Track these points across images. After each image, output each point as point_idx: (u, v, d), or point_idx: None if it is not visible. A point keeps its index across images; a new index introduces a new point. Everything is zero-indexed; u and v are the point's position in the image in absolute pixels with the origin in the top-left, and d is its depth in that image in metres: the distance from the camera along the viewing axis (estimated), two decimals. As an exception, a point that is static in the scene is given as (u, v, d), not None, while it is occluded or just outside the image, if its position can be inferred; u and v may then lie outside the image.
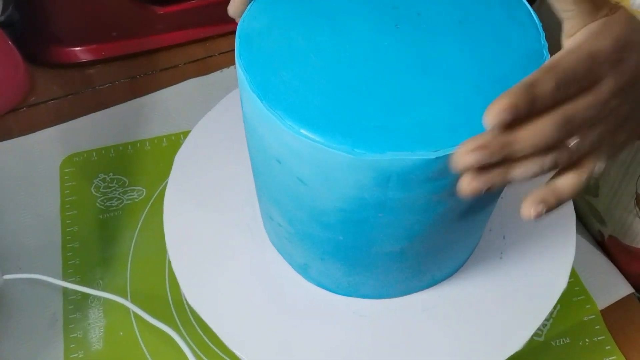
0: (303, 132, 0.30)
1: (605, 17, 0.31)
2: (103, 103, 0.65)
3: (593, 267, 0.54)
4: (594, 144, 0.30)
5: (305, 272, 0.42)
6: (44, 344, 0.49)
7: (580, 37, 0.31)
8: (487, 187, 0.29)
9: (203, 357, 0.48)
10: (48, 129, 0.63)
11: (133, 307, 0.49)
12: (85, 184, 0.59)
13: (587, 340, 0.50)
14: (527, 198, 0.31)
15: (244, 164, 0.42)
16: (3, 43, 0.63)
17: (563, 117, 0.29)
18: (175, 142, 0.62)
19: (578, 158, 0.31)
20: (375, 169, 0.30)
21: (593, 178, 0.32)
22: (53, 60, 0.68)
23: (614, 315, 0.52)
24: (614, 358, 0.50)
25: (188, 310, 0.50)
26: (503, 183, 0.29)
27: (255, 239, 0.45)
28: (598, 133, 0.30)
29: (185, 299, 0.51)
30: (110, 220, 0.56)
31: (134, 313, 0.50)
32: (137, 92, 0.66)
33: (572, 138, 0.30)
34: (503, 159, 0.29)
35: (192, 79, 0.67)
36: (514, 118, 0.28)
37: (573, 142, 0.30)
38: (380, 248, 0.36)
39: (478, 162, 0.28)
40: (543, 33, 0.34)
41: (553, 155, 0.29)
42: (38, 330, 0.50)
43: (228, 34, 0.71)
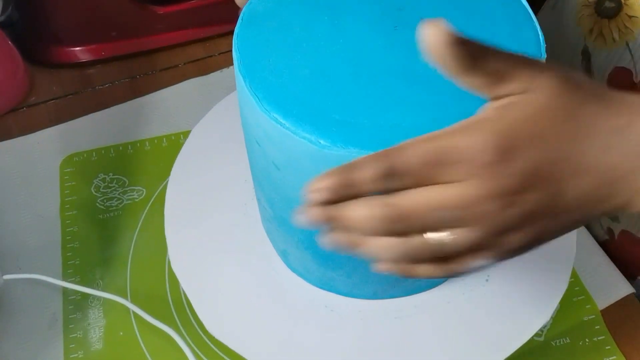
0: (275, 116, 0.31)
1: (514, 95, 0.26)
2: (103, 103, 0.65)
3: (593, 267, 0.54)
4: (468, 245, 0.26)
5: (286, 258, 0.43)
6: (44, 344, 0.49)
7: (464, 122, 0.26)
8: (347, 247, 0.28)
9: (203, 357, 0.48)
10: (48, 129, 0.63)
11: (133, 307, 0.49)
12: (85, 184, 0.59)
13: (587, 340, 0.50)
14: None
15: (244, 164, 0.42)
16: (3, 43, 0.63)
17: (385, 210, 0.26)
18: (175, 142, 0.62)
19: (450, 254, 0.27)
20: (338, 163, 0.30)
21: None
22: (53, 60, 0.68)
23: (614, 315, 0.52)
24: (614, 358, 0.50)
25: (188, 310, 0.50)
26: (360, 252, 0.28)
27: (256, 239, 0.45)
28: (474, 235, 0.26)
29: (185, 299, 0.51)
30: (110, 220, 0.56)
31: (134, 313, 0.50)
32: (137, 92, 0.66)
33: (433, 233, 0.26)
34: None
35: (192, 79, 0.67)
36: (333, 199, 0.26)
37: (434, 237, 0.26)
38: None
39: (319, 218, 0.27)
40: (544, 44, 0.34)
41: (409, 246, 0.27)
42: (38, 330, 0.50)
43: (228, 34, 0.71)
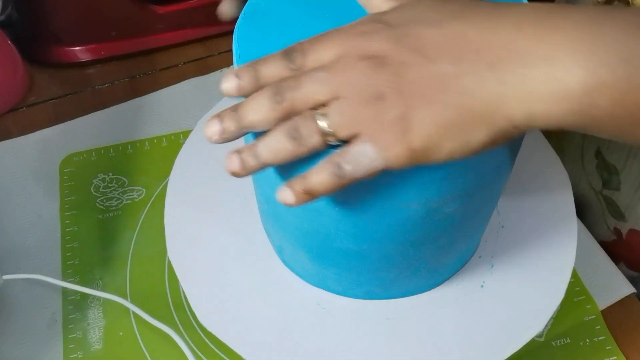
0: None
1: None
2: (102, 103, 0.65)
3: (593, 267, 0.54)
4: (342, 116, 0.28)
5: (282, 255, 0.43)
6: (43, 344, 0.49)
7: None
8: (243, 167, 0.30)
9: (203, 357, 0.48)
10: (47, 129, 0.63)
11: (133, 307, 0.49)
12: (85, 184, 0.59)
13: (587, 341, 0.50)
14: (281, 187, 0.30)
15: (244, 164, 0.42)
16: (2, 43, 0.63)
17: (275, 86, 0.29)
18: (175, 142, 0.62)
19: (345, 135, 0.28)
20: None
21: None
22: (52, 60, 0.68)
23: (615, 315, 0.51)
24: (615, 358, 0.50)
25: (188, 310, 0.50)
26: (258, 164, 0.30)
27: (255, 238, 0.44)
28: (346, 103, 0.28)
29: (185, 299, 0.50)
30: (110, 220, 0.56)
31: (134, 313, 0.50)
32: (136, 92, 0.66)
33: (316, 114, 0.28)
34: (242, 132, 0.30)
35: (191, 79, 0.67)
36: (241, 94, 0.29)
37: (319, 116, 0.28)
38: (341, 244, 0.36)
39: (218, 133, 0.30)
40: None
41: (289, 126, 0.28)
42: (37, 331, 0.50)
43: (228, 34, 0.71)
